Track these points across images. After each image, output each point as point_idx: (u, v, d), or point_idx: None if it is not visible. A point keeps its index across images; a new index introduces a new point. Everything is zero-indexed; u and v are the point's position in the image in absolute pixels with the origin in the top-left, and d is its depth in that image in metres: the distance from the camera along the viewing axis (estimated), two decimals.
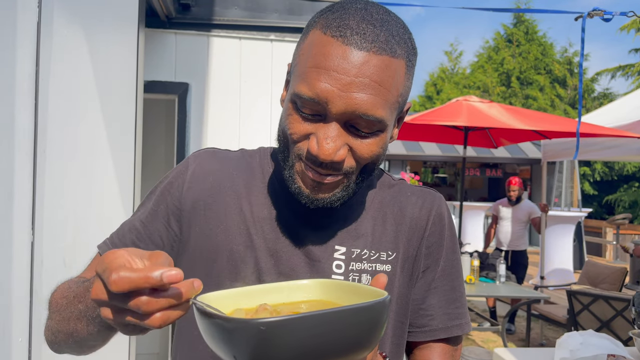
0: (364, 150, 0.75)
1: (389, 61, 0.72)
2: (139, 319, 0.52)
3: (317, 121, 0.73)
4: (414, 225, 0.89)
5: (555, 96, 19.48)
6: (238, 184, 0.88)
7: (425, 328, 0.89)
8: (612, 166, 17.62)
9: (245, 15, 3.34)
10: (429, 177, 16.74)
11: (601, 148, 5.59)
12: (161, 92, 3.25)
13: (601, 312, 4.00)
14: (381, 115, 0.72)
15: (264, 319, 0.50)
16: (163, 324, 0.52)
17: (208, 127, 3.30)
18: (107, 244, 0.88)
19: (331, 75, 0.70)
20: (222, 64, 3.32)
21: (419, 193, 0.92)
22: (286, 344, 0.51)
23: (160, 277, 0.50)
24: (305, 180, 0.76)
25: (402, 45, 0.74)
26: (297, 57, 0.78)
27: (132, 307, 0.51)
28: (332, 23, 0.73)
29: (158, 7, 2.95)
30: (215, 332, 0.53)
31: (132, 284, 0.50)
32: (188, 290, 0.52)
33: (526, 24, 20.19)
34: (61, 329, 0.75)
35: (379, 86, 0.71)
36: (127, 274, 0.50)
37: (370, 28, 0.71)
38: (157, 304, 0.51)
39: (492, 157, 13.63)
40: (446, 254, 0.91)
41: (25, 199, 1.29)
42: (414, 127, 5.77)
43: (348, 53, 0.70)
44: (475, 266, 5.02)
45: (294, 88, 0.74)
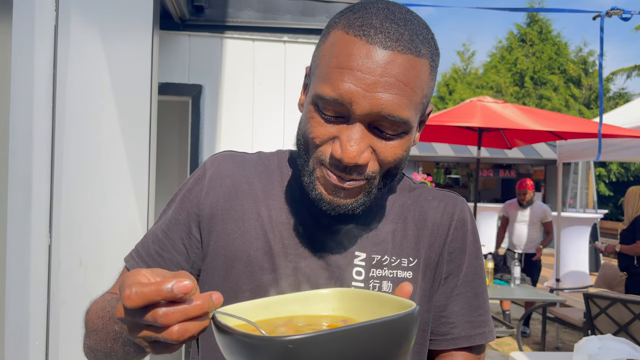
0: (388, 153, 0.72)
1: (414, 60, 0.70)
2: (157, 332, 0.52)
3: (339, 123, 0.71)
4: (436, 230, 0.86)
5: (569, 96, 19.26)
6: (256, 188, 0.86)
7: (447, 336, 0.87)
8: (627, 167, 17.38)
9: (258, 16, 3.33)
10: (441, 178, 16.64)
11: (618, 149, 5.51)
12: (175, 94, 3.26)
13: (619, 315, 3.94)
14: (406, 116, 0.70)
15: (290, 336, 0.48)
16: (181, 336, 0.51)
17: (222, 129, 3.30)
18: (133, 256, 0.88)
19: (355, 75, 0.68)
20: (236, 65, 3.32)
21: (441, 197, 0.90)
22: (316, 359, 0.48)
23: (171, 288, 0.49)
24: (326, 186, 0.74)
25: (426, 45, 0.72)
26: (317, 59, 0.76)
27: (149, 320, 0.51)
28: (354, 22, 0.71)
29: (172, 9, 2.96)
30: (236, 349, 0.51)
31: (144, 298, 0.49)
32: (206, 302, 0.52)
33: (540, 23, 19.99)
34: (100, 348, 0.75)
35: (404, 86, 0.69)
36: (139, 289, 0.50)
37: (394, 27, 0.69)
38: (173, 315, 0.50)
39: (506, 158, 13.51)
40: (469, 259, 0.88)
41: (43, 203, 1.29)
42: (427, 128, 5.73)
43: (372, 52, 0.68)
44: (490, 268, 4.97)
45: (316, 89, 0.72)
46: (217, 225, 0.84)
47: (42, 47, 1.25)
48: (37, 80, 1.23)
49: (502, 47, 21.05)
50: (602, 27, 2.83)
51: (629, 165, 17.21)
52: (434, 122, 5.02)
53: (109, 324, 0.71)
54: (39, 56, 1.23)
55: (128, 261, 0.88)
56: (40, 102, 1.26)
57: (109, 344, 0.71)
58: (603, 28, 2.84)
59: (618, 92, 19.04)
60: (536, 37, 20.00)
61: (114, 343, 0.70)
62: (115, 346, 0.70)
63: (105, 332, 0.72)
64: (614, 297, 3.97)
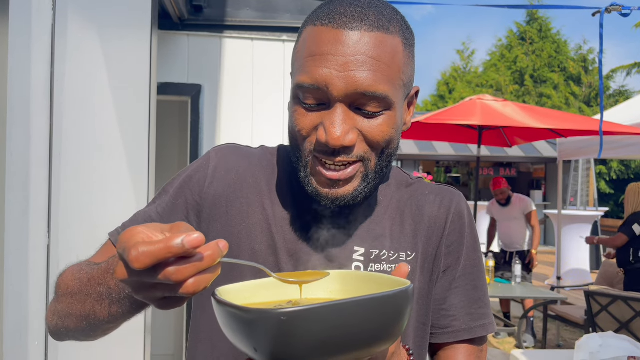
0: (375, 132, 0.73)
1: (383, 37, 0.72)
2: (172, 290, 0.50)
3: (321, 110, 0.73)
4: (433, 224, 0.87)
5: (569, 94, 19.25)
6: (260, 182, 0.87)
7: (447, 329, 0.87)
8: (628, 164, 17.37)
9: (257, 16, 3.33)
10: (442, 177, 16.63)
11: (618, 146, 5.50)
12: (174, 93, 3.26)
13: (620, 313, 3.93)
14: (384, 91, 0.71)
15: (284, 309, 0.49)
16: (197, 289, 0.50)
17: (221, 128, 3.30)
18: (119, 231, 0.86)
19: (327, 59, 0.70)
20: (235, 65, 3.31)
21: (438, 191, 0.90)
22: (307, 334, 0.49)
23: (182, 243, 0.47)
24: (321, 181, 0.75)
25: (395, 23, 0.74)
26: (294, 58, 0.78)
27: (162, 279, 0.49)
28: (321, 14, 0.74)
29: (171, 9, 2.96)
30: (234, 324, 0.52)
31: (154, 257, 0.48)
32: (215, 252, 0.50)
33: (540, 21, 19.98)
34: (73, 311, 0.73)
35: (376, 62, 0.71)
36: (147, 248, 0.48)
37: (358, 10, 0.72)
38: (186, 271, 0.49)
39: (506, 157, 13.51)
40: (467, 252, 0.88)
41: (41, 203, 1.29)
42: (427, 127, 5.72)
43: (340, 35, 0.71)
44: (490, 267, 4.97)
45: (295, 81, 0.74)
46: (220, 216, 0.84)
47: (39, 47, 1.25)
48: (34, 80, 1.23)
49: (502, 46, 21.04)
50: (602, 24, 2.83)
51: (629, 162, 17.20)
52: (434, 121, 5.01)
53: (90, 285, 0.69)
54: (36, 55, 1.23)
55: (113, 235, 0.86)
56: (38, 102, 1.26)
57: (88, 306, 0.70)
58: (602, 24, 2.84)
59: (618, 89, 19.02)
60: (536, 35, 19.98)
61: (95, 305, 0.69)
62: (98, 308, 0.69)
63: (85, 295, 0.70)
64: (615, 295, 3.96)
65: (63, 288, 0.77)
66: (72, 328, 0.76)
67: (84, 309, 0.71)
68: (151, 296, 0.53)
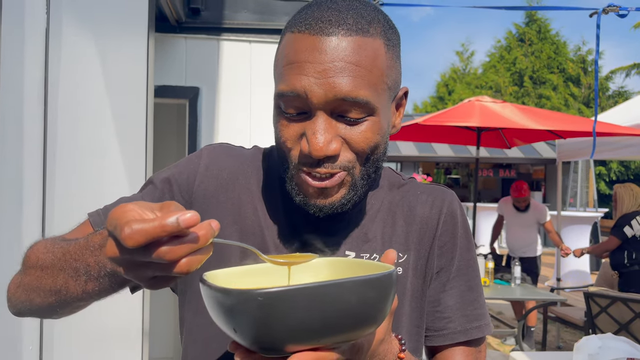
0: (359, 139, 0.72)
1: (362, 41, 0.70)
2: (165, 270, 0.50)
3: (304, 120, 0.72)
4: (425, 225, 0.86)
5: (569, 95, 19.26)
6: (252, 183, 0.85)
7: (443, 331, 0.86)
8: (628, 165, 17.36)
9: (255, 18, 3.33)
10: (441, 179, 16.63)
11: (617, 147, 5.49)
12: (172, 96, 3.26)
13: (620, 314, 3.92)
14: (365, 96, 0.69)
15: (261, 289, 0.48)
16: (190, 269, 0.50)
17: (219, 131, 3.29)
18: (100, 213, 0.84)
19: (305, 67, 0.69)
20: (233, 67, 3.31)
21: (429, 191, 0.89)
22: (285, 316, 0.49)
23: (177, 221, 0.47)
24: (307, 191, 0.74)
25: (375, 24, 0.73)
26: (274, 66, 0.77)
27: (155, 258, 0.49)
28: (298, 21, 0.73)
29: (168, 12, 2.96)
30: (215, 305, 0.52)
31: (147, 235, 0.47)
32: (207, 232, 0.50)
33: (538, 22, 20.00)
34: (42, 285, 0.69)
35: (356, 67, 0.69)
36: (140, 225, 0.47)
37: (335, 14, 0.71)
38: (180, 250, 0.49)
39: (506, 158, 13.50)
40: (460, 252, 0.87)
41: (34, 206, 1.29)
42: (426, 128, 5.71)
43: (317, 42, 0.69)
44: (490, 268, 4.95)
45: (275, 91, 0.73)
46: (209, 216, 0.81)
47: (32, 50, 1.24)
48: (27, 83, 1.22)
49: (501, 47, 21.05)
50: (599, 24, 2.83)
51: (629, 163, 17.20)
52: (433, 122, 5.01)
53: (65, 260, 0.66)
54: (29, 59, 1.23)
55: (93, 216, 0.83)
56: (31, 105, 1.25)
57: (61, 281, 0.67)
58: (599, 25, 2.83)
59: (617, 90, 19.04)
60: (535, 36, 20.00)
61: (69, 280, 0.65)
62: (71, 284, 0.65)
63: (58, 269, 0.67)
64: (615, 296, 3.95)
65: (33, 260, 0.73)
66: (37, 303, 0.72)
67: (54, 284, 0.68)
68: (142, 275, 0.52)
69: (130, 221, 0.48)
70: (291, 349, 0.52)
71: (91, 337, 1.81)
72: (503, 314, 6.59)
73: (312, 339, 0.52)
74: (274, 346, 0.52)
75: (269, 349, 0.53)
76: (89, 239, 0.64)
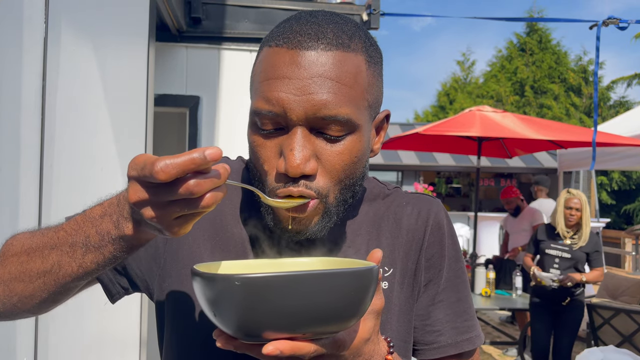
0: (335, 159, 0.69)
1: (342, 56, 0.68)
2: (192, 205, 0.53)
3: (281, 134, 0.69)
4: (411, 237, 0.84)
5: (570, 105, 19.27)
6: (234, 195, 0.84)
7: (433, 345, 0.84)
8: (629, 175, 17.33)
9: (256, 28, 3.34)
10: (442, 188, 16.61)
11: (619, 157, 5.49)
12: (172, 105, 3.26)
13: (623, 326, 3.89)
14: (346, 114, 0.67)
15: (239, 274, 0.50)
16: (215, 202, 0.54)
17: (219, 140, 3.29)
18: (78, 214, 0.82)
19: (283, 83, 0.67)
20: (233, 77, 3.32)
21: (415, 201, 0.87)
22: (263, 302, 0.50)
23: (204, 155, 0.50)
24: (282, 215, 0.71)
25: (356, 39, 0.70)
26: (251, 80, 0.75)
27: (184, 192, 0.51)
28: (277, 34, 0.70)
29: (169, 21, 2.97)
30: (198, 290, 0.55)
31: (179, 168, 0.50)
32: (226, 169, 0.54)
33: (539, 32, 20.06)
34: (28, 269, 0.66)
35: (336, 83, 0.67)
36: (171, 160, 0.50)
37: (314, 27, 0.68)
38: (205, 184, 0.52)
39: (507, 167, 13.48)
40: (449, 263, 0.85)
41: (31, 218, 1.28)
42: (427, 138, 5.72)
43: (296, 56, 0.67)
44: (491, 278, 4.93)
45: (251, 107, 0.71)
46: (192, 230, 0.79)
47: (30, 59, 1.24)
48: (25, 92, 1.22)
49: (502, 57, 21.10)
50: (599, 36, 2.83)
51: (630, 173, 17.17)
52: (433, 132, 5.01)
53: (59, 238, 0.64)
54: (27, 68, 1.22)
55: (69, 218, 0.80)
56: (29, 115, 1.25)
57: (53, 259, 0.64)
58: (599, 37, 2.84)
59: (619, 100, 19.04)
60: (536, 46, 20.06)
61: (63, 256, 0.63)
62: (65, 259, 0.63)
63: (50, 248, 0.65)
64: (618, 308, 3.93)
65: (16, 247, 0.70)
66: (19, 291, 0.68)
67: (44, 264, 0.65)
68: (167, 215, 0.54)
69: (160, 158, 0.51)
70: (269, 336, 0.53)
71: (88, 345, 1.80)
72: (505, 325, 6.55)
73: (289, 328, 0.53)
74: (253, 332, 0.53)
75: (248, 334, 0.54)
76: (86, 213, 0.64)
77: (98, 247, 0.62)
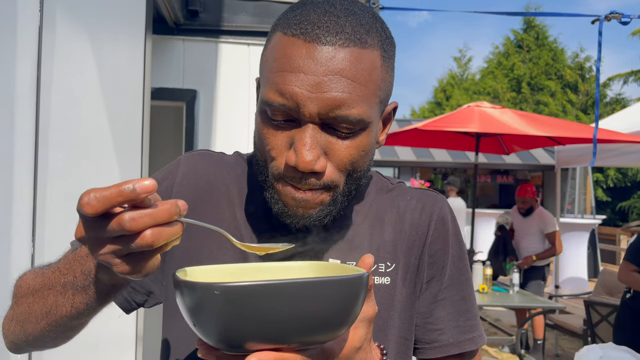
0: (343, 154, 0.68)
1: (360, 53, 0.66)
2: (127, 242, 0.48)
3: (291, 128, 0.68)
4: (414, 232, 0.82)
5: (566, 102, 19.31)
6: (232, 191, 0.82)
7: (434, 344, 0.82)
8: (625, 172, 17.40)
9: (253, 21, 3.30)
10: (439, 184, 16.63)
11: (617, 154, 5.49)
12: (169, 99, 3.22)
13: None
14: (358, 114, 0.66)
15: (218, 283, 0.47)
16: (156, 241, 0.48)
17: (216, 134, 3.26)
18: None
19: (298, 77, 0.65)
20: (231, 70, 3.28)
21: (419, 196, 0.85)
22: (245, 312, 0.47)
23: (133, 187, 0.46)
24: (287, 201, 0.70)
25: (373, 34, 0.68)
26: (262, 66, 0.73)
27: (115, 229, 0.47)
28: (292, 21, 0.68)
29: (166, 13, 2.93)
30: (179, 298, 0.51)
31: (105, 201, 0.46)
32: (173, 206, 0.49)
33: (536, 29, 20.07)
34: (33, 310, 0.68)
35: (351, 82, 0.65)
36: (99, 192, 0.46)
37: (333, 20, 0.66)
38: (141, 220, 0.47)
39: (503, 164, 13.50)
40: (452, 261, 0.84)
41: (25, 210, 1.25)
42: (425, 134, 5.70)
43: (312, 50, 0.65)
44: (488, 275, 4.92)
45: (262, 96, 0.69)
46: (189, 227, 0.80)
47: (25, 48, 1.21)
48: (19, 82, 1.19)
49: (499, 53, 21.12)
50: (601, 31, 2.81)
51: (626, 170, 17.23)
52: (432, 128, 4.99)
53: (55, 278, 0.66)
54: (21, 58, 1.19)
55: (74, 245, 0.81)
56: (23, 106, 1.21)
57: (51, 300, 0.66)
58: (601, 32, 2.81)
59: (615, 97, 19.10)
60: (533, 43, 20.07)
61: (58, 297, 0.65)
62: (60, 300, 0.64)
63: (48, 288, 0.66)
64: (616, 304, 3.93)
65: (24, 288, 0.72)
66: (31, 331, 0.70)
67: (45, 305, 0.66)
68: (108, 253, 0.50)
69: (90, 190, 0.47)
70: (252, 347, 0.51)
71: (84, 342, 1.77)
72: (500, 321, 6.56)
73: (273, 338, 0.50)
74: (235, 343, 0.51)
75: (230, 345, 0.51)
76: (77, 252, 0.63)
77: (84, 287, 0.61)
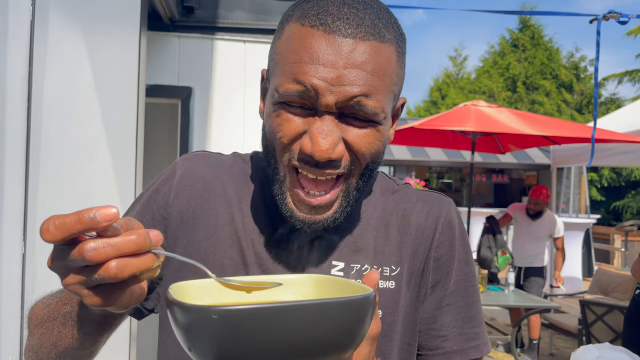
0: (362, 143, 0.67)
1: (379, 47, 0.66)
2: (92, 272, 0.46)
3: (307, 116, 0.67)
4: (420, 235, 0.80)
5: (561, 101, 19.37)
6: (230, 192, 0.80)
7: (438, 350, 0.80)
8: (619, 172, 17.47)
9: (249, 18, 3.28)
10: (434, 183, 16.65)
11: (611, 154, 5.50)
12: (164, 96, 3.19)
13: (616, 322, 3.90)
14: (375, 107, 0.66)
15: (217, 307, 0.44)
16: (120, 273, 0.46)
17: (212, 132, 3.23)
18: None
19: (317, 69, 0.64)
20: (226, 67, 3.25)
21: (426, 198, 0.84)
22: (244, 337, 0.44)
23: (93, 215, 0.44)
24: (298, 204, 0.69)
25: (390, 29, 0.68)
26: (274, 57, 0.70)
27: (77, 257, 0.45)
28: (309, 12, 0.66)
29: (161, 9, 2.89)
30: (173, 319, 0.48)
31: (64, 228, 0.44)
32: (140, 237, 0.46)
33: (532, 28, 20.11)
34: (44, 341, 0.68)
35: (370, 76, 0.65)
36: (59, 220, 0.44)
37: (353, 12, 0.65)
38: (103, 250, 0.45)
39: (499, 163, 13.52)
40: (458, 266, 0.81)
41: (15, 208, 1.22)
42: (421, 133, 5.69)
43: (333, 42, 0.64)
44: (484, 274, 4.91)
45: (278, 87, 0.66)
46: (186, 230, 0.78)
47: (16, 44, 1.18)
48: (10, 79, 1.16)
49: (495, 52, 21.15)
50: (599, 31, 2.80)
51: (620, 170, 17.30)
52: (428, 127, 4.97)
53: (57, 308, 0.65)
54: (12, 53, 1.16)
55: None
56: (14, 102, 1.18)
57: (55, 332, 0.65)
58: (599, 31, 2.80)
59: (610, 97, 19.18)
60: (528, 42, 20.11)
61: (61, 329, 0.64)
62: (63, 332, 0.64)
63: (52, 320, 0.66)
64: (612, 304, 3.93)
65: (34, 320, 0.72)
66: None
67: (52, 336, 0.66)
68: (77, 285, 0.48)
69: (52, 217, 0.45)
70: None
71: None
72: (496, 320, 6.57)
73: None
74: None
75: None
76: None
77: (81, 318, 0.60)
